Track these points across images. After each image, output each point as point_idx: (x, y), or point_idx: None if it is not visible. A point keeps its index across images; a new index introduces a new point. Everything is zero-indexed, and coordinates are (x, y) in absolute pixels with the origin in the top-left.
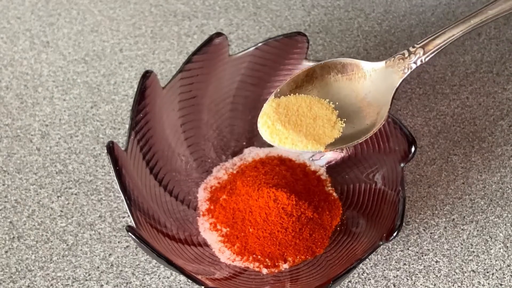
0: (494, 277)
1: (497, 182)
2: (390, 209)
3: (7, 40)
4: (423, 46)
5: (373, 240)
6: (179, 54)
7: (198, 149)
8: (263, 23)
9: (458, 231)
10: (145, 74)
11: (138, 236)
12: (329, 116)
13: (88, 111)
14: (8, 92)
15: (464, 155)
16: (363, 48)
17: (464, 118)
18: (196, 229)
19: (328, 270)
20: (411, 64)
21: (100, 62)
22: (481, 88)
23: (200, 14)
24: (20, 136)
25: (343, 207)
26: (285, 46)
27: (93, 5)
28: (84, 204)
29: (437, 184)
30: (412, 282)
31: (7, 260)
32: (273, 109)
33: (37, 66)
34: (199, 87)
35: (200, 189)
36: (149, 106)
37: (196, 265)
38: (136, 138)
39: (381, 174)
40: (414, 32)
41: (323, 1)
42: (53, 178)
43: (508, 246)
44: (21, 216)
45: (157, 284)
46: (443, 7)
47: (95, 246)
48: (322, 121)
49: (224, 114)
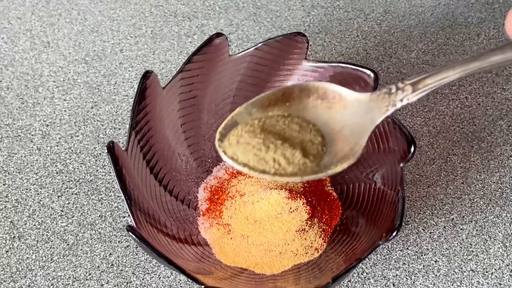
0: (493, 276)
1: (496, 182)
2: (389, 208)
3: (8, 40)
4: (413, 83)
5: (373, 240)
6: (179, 54)
7: (198, 149)
8: (263, 23)
9: (457, 230)
10: (145, 74)
11: (138, 235)
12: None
13: (88, 111)
14: (8, 92)
15: (463, 155)
16: (362, 48)
17: (463, 118)
18: (196, 229)
19: (328, 269)
20: (397, 102)
21: (100, 62)
22: (480, 88)
23: (200, 15)
24: (21, 136)
25: (342, 206)
26: (285, 46)
27: (94, 6)
28: (85, 203)
29: (437, 184)
30: (411, 281)
31: (8, 260)
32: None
33: (38, 66)
34: (199, 87)
35: (200, 189)
36: (149, 106)
37: (196, 264)
38: (136, 138)
39: (381, 174)
40: (413, 32)
41: (323, 2)
42: (53, 178)
43: (507, 246)
44: (22, 216)
45: (157, 284)
46: (442, 7)
47: (95, 246)
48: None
49: (224, 114)
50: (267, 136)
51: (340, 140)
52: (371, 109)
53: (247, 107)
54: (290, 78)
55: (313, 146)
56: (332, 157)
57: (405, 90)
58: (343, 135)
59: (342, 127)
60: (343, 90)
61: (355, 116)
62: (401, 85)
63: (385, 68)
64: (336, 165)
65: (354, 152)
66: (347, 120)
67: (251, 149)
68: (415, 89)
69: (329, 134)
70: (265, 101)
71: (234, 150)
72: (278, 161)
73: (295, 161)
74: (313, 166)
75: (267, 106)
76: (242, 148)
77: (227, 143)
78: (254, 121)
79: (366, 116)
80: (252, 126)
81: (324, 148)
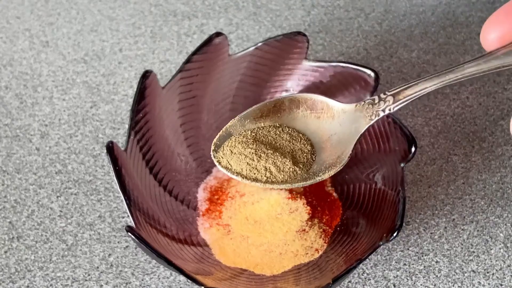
0: (494, 277)
1: (497, 182)
2: (390, 209)
3: (6, 40)
4: (393, 94)
5: (373, 240)
6: (179, 54)
7: (198, 149)
8: (263, 23)
9: (458, 231)
10: (144, 74)
11: (138, 236)
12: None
13: (87, 111)
14: (7, 92)
15: (464, 155)
16: (363, 48)
17: (464, 118)
18: (196, 229)
19: (328, 270)
20: (379, 112)
21: (99, 62)
22: (482, 88)
23: (200, 14)
24: (20, 136)
25: (343, 207)
26: (285, 46)
27: (93, 5)
28: (84, 204)
29: (437, 184)
30: (412, 282)
31: (6, 260)
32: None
33: (37, 66)
34: (199, 87)
35: (200, 189)
36: (149, 106)
37: (196, 265)
38: (135, 138)
39: (381, 174)
40: (414, 32)
41: (323, 1)
42: (52, 178)
43: (508, 246)
44: (21, 216)
45: (156, 284)
46: (443, 7)
47: (94, 246)
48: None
49: (224, 114)
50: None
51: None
52: (357, 118)
53: (240, 119)
54: (290, 77)
55: (302, 154)
56: (321, 164)
57: (387, 101)
58: (331, 144)
59: (330, 136)
60: (330, 101)
61: (342, 126)
62: (383, 96)
63: (385, 67)
64: (324, 172)
65: (341, 160)
66: (335, 129)
67: (244, 159)
68: (396, 99)
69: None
70: (257, 112)
71: (228, 159)
72: (269, 169)
73: (285, 169)
74: (302, 173)
75: (259, 117)
76: (235, 158)
77: (221, 154)
78: (247, 132)
79: (352, 125)
80: (245, 137)
81: (313, 156)
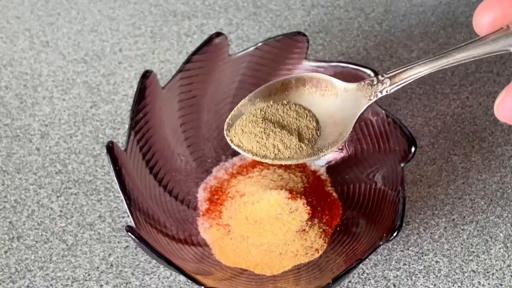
0: (494, 277)
1: (497, 182)
2: (390, 209)
3: (6, 40)
4: (390, 77)
5: (373, 240)
6: (179, 54)
7: (198, 149)
8: (263, 23)
9: (458, 231)
10: (144, 74)
11: (138, 236)
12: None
13: (87, 111)
14: (7, 92)
15: (464, 155)
16: (363, 47)
17: (464, 118)
18: (196, 229)
19: (328, 270)
20: (377, 93)
21: (99, 62)
22: (482, 88)
23: (200, 14)
24: (20, 136)
25: (343, 207)
26: (285, 46)
27: (93, 5)
28: (84, 204)
29: (437, 184)
30: (412, 282)
31: (6, 260)
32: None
33: (37, 66)
34: (199, 87)
35: (200, 189)
36: (149, 106)
37: (196, 265)
38: (135, 138)
39: (381, 174)
40: (414, 32)
41: (323, 1)
42: (52, 178)
43: (508, 246)
44: (21, 216)
45: (156, 284)
46: (443, 7)
47: (94, 246)
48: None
49: (224, 114)
50: (267, 124)
51: (331, 125)
52: (358, 97)
53: (250, 99)
54: None
55: (308, 131)
56: (325, 140)
57: (384, 83)
58: (334, 121)
59: (333, 112)
60: (334, 80)
61: (344, 103)
62: (381, 78)
63: (385, 67)
64: (328, 148)
65: (343, 137)
66: (338, 106)
67: (254, 137)
68: (392, 82)
69: (323, 119)
70: (266, 91)
71: (240, 138)
72: (277, 146)
73: (292, 146)
74: (308, 149)
75: (268, 95)
76: (246, 137)
77: (233, 132)
78: (256, 111)
79: (353, 103)
80: (255, 116)
81: (318, 132)
